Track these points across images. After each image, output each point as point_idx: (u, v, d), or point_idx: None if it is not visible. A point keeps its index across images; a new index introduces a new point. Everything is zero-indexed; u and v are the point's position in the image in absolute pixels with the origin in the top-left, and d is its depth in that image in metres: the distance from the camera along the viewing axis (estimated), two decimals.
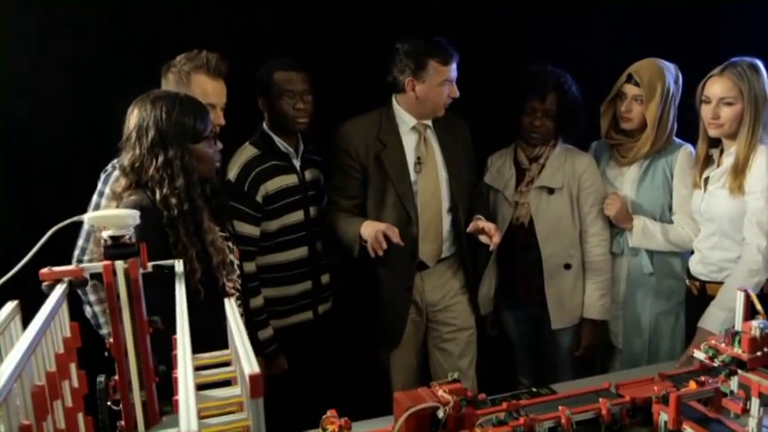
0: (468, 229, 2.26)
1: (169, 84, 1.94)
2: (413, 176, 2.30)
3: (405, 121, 2.31)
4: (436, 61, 2.21)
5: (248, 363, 0.84)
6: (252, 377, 0.80)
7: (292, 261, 2.27)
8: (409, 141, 2.32)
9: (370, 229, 2.14)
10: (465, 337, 2.43)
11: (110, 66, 2.31)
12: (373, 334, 2.45)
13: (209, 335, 1.17)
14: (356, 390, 2.33)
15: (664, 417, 1.46)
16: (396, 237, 2.10)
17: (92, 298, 1.96)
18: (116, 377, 1.17)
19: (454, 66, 2.24)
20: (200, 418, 1.05)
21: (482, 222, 2.22)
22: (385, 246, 2.10)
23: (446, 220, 2.35)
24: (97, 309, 1.98)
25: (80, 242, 1.96)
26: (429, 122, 2.34)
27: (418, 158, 2.31)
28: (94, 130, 2.25)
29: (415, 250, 2.30)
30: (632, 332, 2.42)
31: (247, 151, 2.22)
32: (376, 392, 2.48)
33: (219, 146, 1.79)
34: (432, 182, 2.32)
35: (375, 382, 2.48)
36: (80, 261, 1.95)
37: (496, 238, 2.19)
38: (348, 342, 2.49)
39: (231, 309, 1.08)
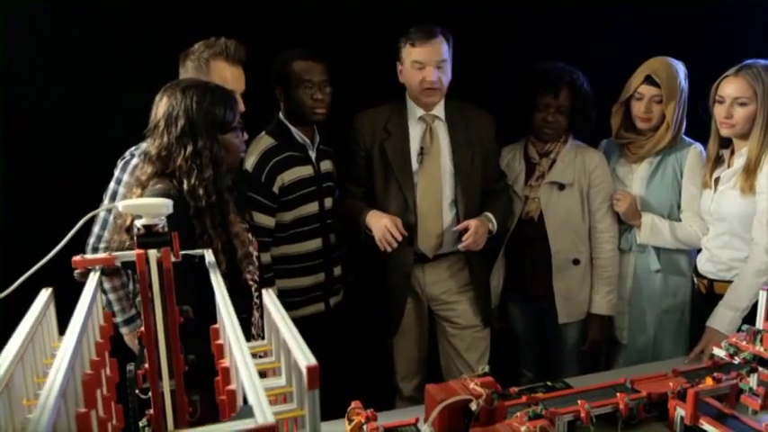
0: (454, 228, 2.28)
1: (188, 71, 1.93)
2: (415, 166, 2.31)
3: (413, 111, 2.33)
4: (408, 43, 2.24)
5: (302, 354, 0.86)
6: (309, 368, 0.81)
7: (306, 252, 2.28)
8: (416, 132, 2.33)
9: (374, 221, 2.21)
10: (470, 334, 2.44)
11: (123, 56, 2.29)
12: (376, 319, 2.48)
13: None
14: (365, 381, 2.35)
15: (680, 412, 1.49)
16: (398, 231, 2.16)
17: (106, 286, 1.96)
18: (146, 366, 1.17)
19: (425, 49, 2.22)
20: None
21: (471, 221, 2.23)
22: (395, 245, 2.17)
23: (447, 213, 2.35)
24: (112, 297, 1.98)
25: (95, 229, 1.95)
26: (438, 114, 2.34)
27: (421, 149, 2.31)
28: (108, 118, 2.24)
29: (412, 239, 2.32)
30: (637, 328, 2.45)
31: (264, 141, 2.22)
32: (381, 383, 2.52)
33: (245, 136, 1.78)
34: (433, 173, 2.32)
35: (383, 373, 2.51)
36: (95, 248, 1.94)
37: (463, 243, 2.23)
38: (359, 334, 2.50)
39: (271, 300, 1.08)
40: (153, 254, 1.14)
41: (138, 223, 1.15)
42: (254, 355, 1.16)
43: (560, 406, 1.51)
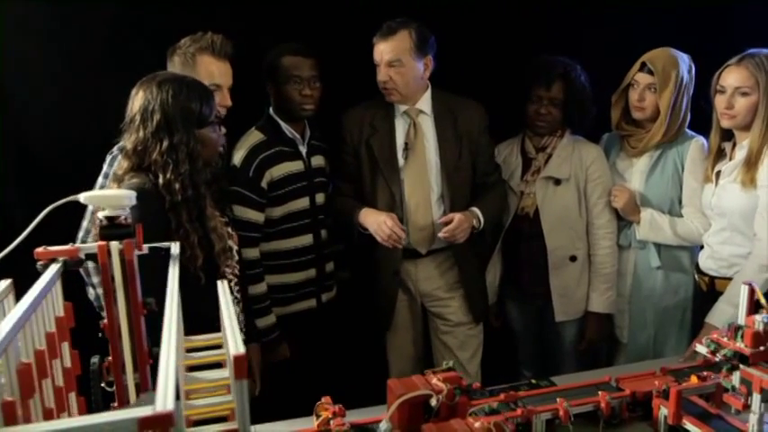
0: (439, 220, 2.24)
1: (175, 66, 1.94)
2: (401, 162, 2.29)
3: (398, 107, 2.31)
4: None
5: (234, 344, 0.83)
6: (236, 358, 0.79)
7: (297, 248, 2.26)
8: (402, 127, 2.31)
9: (370, 219, 2.21)
10: (462, 331, 2.40)
11: (115, 48, 2.30)
12: (368, 316, 2.46)
13: (209, 321, 1.16)
14: (358, 378, 2.33)
15: (664, 411, 1.44)
16: (399, 227, 2.16)
17: (95, 280, 1.97)
18: (110, 358, 1.17)
19: (377, 48, 2.22)
20: (188, 399, 1.05)
21: (455, 214, 2.19)
22: (402, 243, 2.18)
23: (436, 209, 2.31)
24: (100, 291, 1.99)
25: (84, 223, 1.96)
26: (423, 108, 2.31)
27: (406, 144, 2.29)
28: (100, 113, 2.25)
29: None
30: (638, 326, 2.39)
31: (253, 136, 2.21)
32: (377, 381, 2.49)
33: (223, 130, 1.78)
34: (420, 168, 2.29)
35: (377, 371, 2.48)
36: (84, 242, 1.95)
37: (442, 234, 2.19)
38: (351, 330, 2.48)
39: (223, 291, 1.07)
40: (115, 246, 1.13)
41: (101, 215, 1.15)
42: (214, 347, 1.15)
43: (540, 404, 1.48)
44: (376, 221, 2.18)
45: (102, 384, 1.17)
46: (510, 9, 2.70)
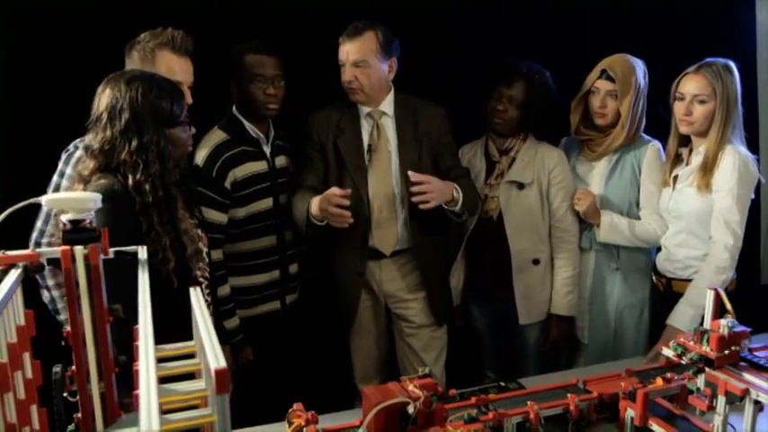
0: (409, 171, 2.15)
1: (134, 62, 1.87)
2: (367, 163, 2.28)
3: (362, 108, 2.29)
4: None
5: (214, 356, 0.80)
6: (218, 372, 0.76)
7: (260, 249, 2.23)
8: (366, 129, 2.30)
9: (315, 209, 2.10)
10: (426, 333, 2.40)
11: (75, 45, 2.22)
12: (331, 317, 2.44)
13: (182, 326, 1.12)
14: (323, 381, 2.31)
15: (630, 413, 1.46)
16: (341, 195, 2.05)
17: (50, 282, 1.89)
18: (73, 367, 1.12)
19: (342, 48, 2.20)
20: (163, 412, 1.01)
21: (431, 177, 2.13)
22: (348, 214, 2.05)
23: (399, 209, 2.31)
24: (55, 293, 1.91)
25: (38, 224, 1.88)
26: (386, 110, 2.30)
27: (369, 146, 2.28)
28: (57, 111, 2.17)
29: (366, 235, 2.28)
30: (598, 327, 2.44)
31: (216, 136, 2.16)
32: (342, 384, 2.47)
33: (193, 130, 1.73)
34: (383, 169, 2.28)
35: (341, 373, 2.47)
36: (38, 244, 1.87)
37: (422, 198, 2.09)
38: (315, 333, 2.46)
39: (196, 298, 1.03)
40: (79, 250, 1.09)
41: (64, 218, 1.10)
42: (185, 356, 1.11)
43: (510, 407, 1.48)
44: (319, 208, 2.08)
45: (65, 394, 1.12)
46: (474, 13, 2.72)
